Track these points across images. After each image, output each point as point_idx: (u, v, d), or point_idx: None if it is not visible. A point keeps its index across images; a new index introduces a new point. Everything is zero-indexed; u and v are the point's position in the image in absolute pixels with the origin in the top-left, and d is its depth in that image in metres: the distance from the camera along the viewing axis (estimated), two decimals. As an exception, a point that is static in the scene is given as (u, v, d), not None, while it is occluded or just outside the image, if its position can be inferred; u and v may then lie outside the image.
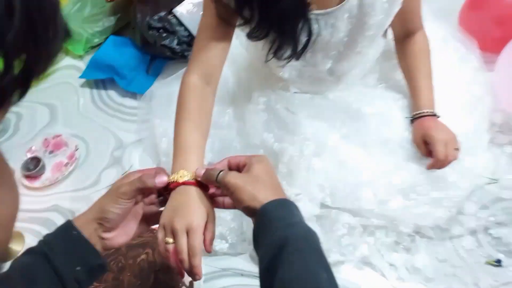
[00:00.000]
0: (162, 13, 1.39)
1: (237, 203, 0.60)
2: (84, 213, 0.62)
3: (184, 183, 0.64)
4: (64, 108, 1.48)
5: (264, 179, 0.60)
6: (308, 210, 0.98)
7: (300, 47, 0.86)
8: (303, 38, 0.85)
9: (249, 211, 0.58)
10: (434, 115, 0.93)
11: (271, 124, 1.01)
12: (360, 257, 0.95)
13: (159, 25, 1.37)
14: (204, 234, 0.61)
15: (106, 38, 1.58)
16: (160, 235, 0.61)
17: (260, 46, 0.90)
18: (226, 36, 0.82)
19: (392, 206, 0.93)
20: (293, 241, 0.51)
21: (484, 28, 1.25)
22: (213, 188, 0.67)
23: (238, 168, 0.65)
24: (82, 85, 1.54)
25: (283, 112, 1.00)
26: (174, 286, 0.93)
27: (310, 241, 0.53)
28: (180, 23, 1.41)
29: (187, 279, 0.97)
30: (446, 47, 1.10)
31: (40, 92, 1.54)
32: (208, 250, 0.61)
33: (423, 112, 0.93)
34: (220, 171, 0.61)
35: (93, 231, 0.61)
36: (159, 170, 0.66)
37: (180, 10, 1.42)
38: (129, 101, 1.45)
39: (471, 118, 0.98)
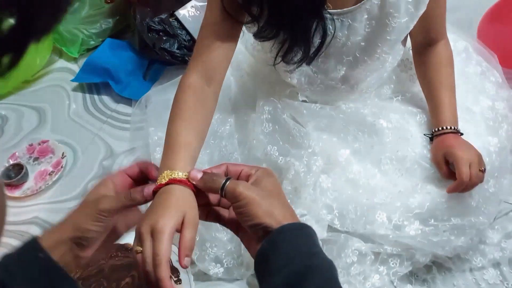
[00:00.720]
0: (163, 16, 1.32)
1: (247, 218, 0.49)
2: (54, 230, 0.52)
3: (167, 183, 0.54)
4: (53, 112, 1.39)
5: (279, 197, 0.51)
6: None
7: (312, 50, 0.77)
8: (316, 40, 0.77)
9: (260, 230, 0.49)
10: (457, 132, 0.85)
11: (275, 136, 0.92)
12: (371, 288, 0.85)
13: (159, 27, 1.29)
14: (180, 241, 0.49)
15: (103, 41, 1.50)
16: (134, 243, 0.51)
17: (268, 48, 0.81)
18: (232, 34, 0.73)
19: (408, 232, 0.83)
20: (317, 274, 0.43)
21: (504, 42, 1.17)
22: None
23: (238, 178, 0.55)
24: (75, 89, 1.45)
25: (290, 122, 0.91)
26: (161, 314, 0.82)
27: (334, 277, 0.45)
28: (182, 27, 1.33)
29: (176, 306, 0.86)
30: (467, 59, 1.01)
31: (29, 95, 1.46)
32: (182, 263, 0.49)
33: (445, 129, 0.85)
34: (228, 178, 0.51)
35: (67, 251, 0.51)
36: (145, 167, 0.57)
37: (182, 12, 1.34)
38: (123, 108, 1.36)
39: (496, 137, 0.90)
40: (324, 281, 0.43)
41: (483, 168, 0.81)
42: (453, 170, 0.82)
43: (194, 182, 0.54)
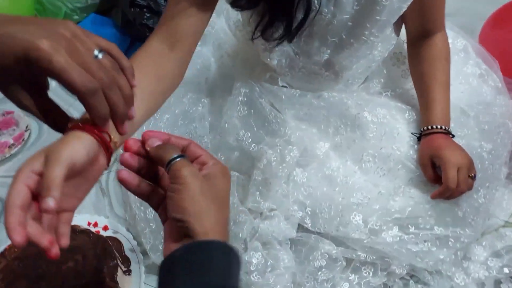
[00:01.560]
0: (150, -8, 1.24)
1: (174, 207, 0.40)
2: None
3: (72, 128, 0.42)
4: (25, 84, 1.31)
5: (223, 205, 0.43)
6: (282, 231, 0.80)
7: (294, 25, 0.69)
8: (299, 15, 0.69)
9: (182, 227, 0.40)
10: (448, 133, 0.76)
11: (250, 120, 0.83)
12: (339, 298, 0.76)
13: (143, 3, 1.21)
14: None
15: (87, 16, 1.43)
16: None
17: (245, 20, 0.74)
18: (206, 3, 0.64)
19: (385, 239, 0.75)
20: None
21: (506, 50, 1.10)
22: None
23: (192, 160, 0.46)
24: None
25: (266, 107, 0.83)
26: (101, 306, 0.73)
27: None
28: (169, 6, 1.25)
29: (119, 299, 0.77)
30: (466, 59, 0.94)
31: (2, 64, 1.37)
32: (41, 204, 0.36)
33: (435, 128, 0.77)
34: (181, 156, 0.42)
35: None
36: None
37: (170, -9, 1.27)
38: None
39: (490, 143, 0.82)
40: None
41: (473, 174, 0.73)
42: (440, 174, 0.74)
43: (148, 148, 0.45)
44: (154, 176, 0.46)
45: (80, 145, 0.40)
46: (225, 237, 0.41)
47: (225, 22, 1.00)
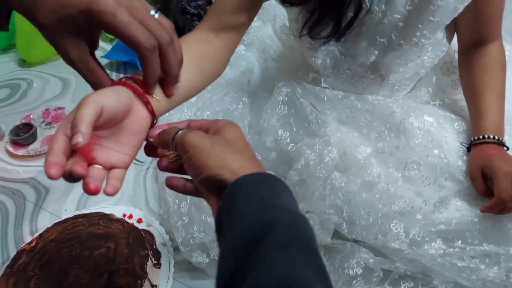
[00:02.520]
0: (200, 2, 1.29)
1: (196, 173, 0.40)
2: None
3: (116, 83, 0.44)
4: (77, 84, 1.38)
5: (241, 146, 0.42)
6: (316, 236, 0.76)
7: (343, 23, 0.69)
8: (349, 13, 0.68)
9: (213, 185, 0.39)
10: (502, 144, 0.71)
11: (290, 120, 0.82)
12: (374, 311, 0.71)
13: (194, 11, 1.26)
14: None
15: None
16: None
17: (294, 17, 0.74)
18: None
19: (427, 251, 0.70)
20: (277, 231, 0.33)
21: None
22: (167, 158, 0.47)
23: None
24: (104, 66, 1.44)
25: (307, 107, 0.81)
26: (129, 294, 0.73)
27: (301, 232, 0.34)
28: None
29: (147, 286, 0.76)
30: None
31: (58, 66, 1.46)
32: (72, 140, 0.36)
33: (487, 138, 0.72)
34: (180, 130, 0.42)
35: None
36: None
37: (220, 2, 1.31)
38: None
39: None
40: (288, 237, 0.33)
41: None
42: (491, 187, 0.68)
43: (151, 140, 0.46)
44: None
45: (110, 91, 0.41)
46: (257, 169, 0.40)
47: (271, 28, 1.02)
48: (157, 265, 0.83)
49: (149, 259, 0.80)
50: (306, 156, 0.77)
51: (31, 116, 1.23)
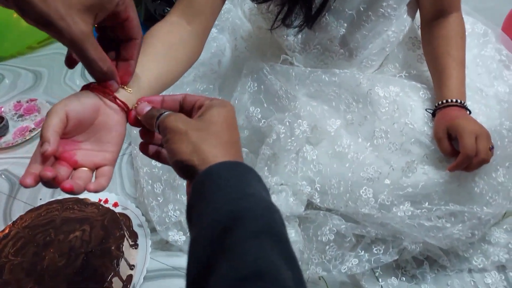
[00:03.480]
0: (171, -12, 1.29)
1: (169, 156, 0.41)
2: None
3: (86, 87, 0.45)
4: (49, 76, 1.36)
5: (219, 130, 0.41)
6: (290, 207, 0.78)
7: (314, 10, 0.70)
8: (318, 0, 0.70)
9: (184, 169, 0.39)
10: (464, 107, 0.74)
11: (260, 97, 0.83)
12: (347, 274, 0.73)
13: (164, -2, 1.26)
14: None
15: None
16: None
17: (264, 10, 0.75)
18: None
19: (396, 213, 0.72)
20: (247, 221, 0.33)
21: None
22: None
23: (191, 110, 0.46)
24: (76, 58, 1.43)
25: (276, 84, 0.82)
26: (105, 274, 0.73)
27: (271, 222, 0.34)
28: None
29: (123, 270, 0.76)
30: (485, 43, 0.91)
31: (30, 59, 1.45)
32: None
33: (450, 102, 0.74)
34: (164, 112, 0.43)
35: None
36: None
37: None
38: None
39: (509, 122, 0.78)
40: (258, 227, 0.33)
41: (490, 146, 0.69)
42: (457, 149, 0.71)
43: (139, 117, 0.46)
44: None
45: (73, 98, 0.43)
46: (231, 156, 0.39)
47: (240, 9, 1.02)
48: (134, 246, 0.83)
49: (126, 239, 0.80)
50: (277, 130, 0.78)
51: (2, 109, 1.22)
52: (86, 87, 0.45)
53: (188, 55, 0.63)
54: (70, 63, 0.45)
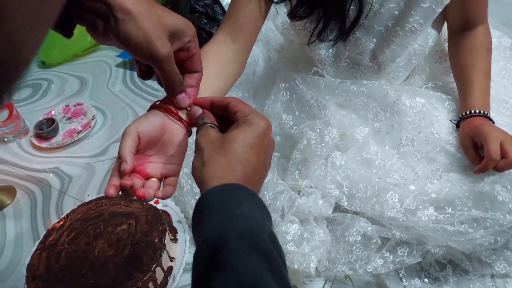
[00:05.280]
0: (208, 1, 1.37)
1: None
2: None
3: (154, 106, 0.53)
4: (94, 82, 1.47)
5: (232, 150, 0.43)
6: (319, 209, 0.83)
7: (348, 24, 0.76)
8: (352, 13, 0.75)
9: (197, 184, 0.45)
10: (487, 117, 0.77)
11: (292, 105, 0.89)
12: (372, 274, 0.77)
13: (202, 10, 1.34)
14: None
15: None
16: None
17: (301, 27, 0.81)
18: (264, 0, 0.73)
19: (420, 217, 0.76)
20: (231, 241, 0.36)
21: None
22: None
23: (233, 118, 0.49)
24: (118, 65, 1.53)
25: (307, 93, 0.88)
26: (149, 264, 0.80)
27: (257, 238, 0.37)
28: (224, 13, 1.37)
29: (164, 261, 0.84)
30: (511, 56, 0.94)
31: (75, 66, 1.55)
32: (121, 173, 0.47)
33: (474, 113, 0.78)
34: (205, 123, 0.49)
35: None
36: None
37: (227, 0, 1.39)
38: (157, 84, 1.40)
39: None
40: (245, 244, 0.36)
41: None
42: (483, 155, 0.74)
43: (193, 121, 0.53)
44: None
45: (143, 119, 0.51)
46: (235, 177, 0.42)
47: (272, 23, 1.09)
48: (174, 240, 0.90)
49: (167, 234, 0.87)
50: (308, 136, 0.84)
51: (52, 112, 1.32)
52: (154, 107, 0.53)
53: (235, 71, 0.70)
54: (144, 75, 0.52)
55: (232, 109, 0.48)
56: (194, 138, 0.49)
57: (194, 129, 0.54)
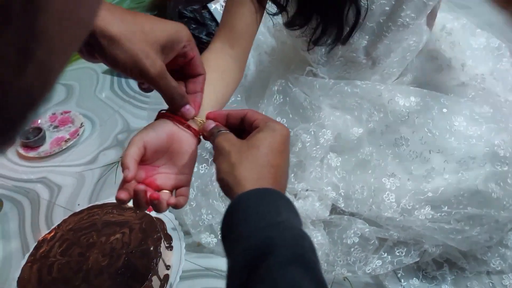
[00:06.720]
0: (196, 6, 1.36)
1: (216, 172, 0.45)
2: None
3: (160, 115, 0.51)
4: (81, 89, 1.44)
5: (259, 154, 0.43)
6: (316, 212, 0.83)
7: (346, 30, 0.76)
8: (350, 19, 0.75)
9: (224, 188, 0.44)
10: None
11: (285, 108, 0.89)
12: (371, 275, 0.77)
13: (190, 15, 1.33)
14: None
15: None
16: None
17: (298, 34, 0.81)
18: (257, 5, 0.72)
19: (417, 217, 0.76)
20: (277, 249, 0.35)
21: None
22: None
23: (250, 127, 0.49)
24: (105, 72, 1.51)
25: (301, 95, 0.88)
26: (145, 274, 0.78)
27: (301, 249, 0.36)
28: (213, 18, 1.36)
29: (160, 269, 0.82)
30: (499, 57, 0.95)
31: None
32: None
33: None
34: (221, 130, 0.48)
35: None
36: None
37: (215, 6, 1.39)
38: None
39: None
40: (289, 255, 0.35)
41: None
42: None
43: (205, 133, 0.52)
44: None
45: (149, 129, 0.49)
46: (265, 181, 0.41)
47: (262, 26, 1.09)
48: (169, 247, 0.89)
49: (162, 241, 0.86)
50: (302, 139, 0.84)
51: (39, 121, 1.29)
52: (162, 115, 0.50)
53: (235, 77, 0.69)
54: (145, 89, 0.51)
55: (250, 118, 0.48)
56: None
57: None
